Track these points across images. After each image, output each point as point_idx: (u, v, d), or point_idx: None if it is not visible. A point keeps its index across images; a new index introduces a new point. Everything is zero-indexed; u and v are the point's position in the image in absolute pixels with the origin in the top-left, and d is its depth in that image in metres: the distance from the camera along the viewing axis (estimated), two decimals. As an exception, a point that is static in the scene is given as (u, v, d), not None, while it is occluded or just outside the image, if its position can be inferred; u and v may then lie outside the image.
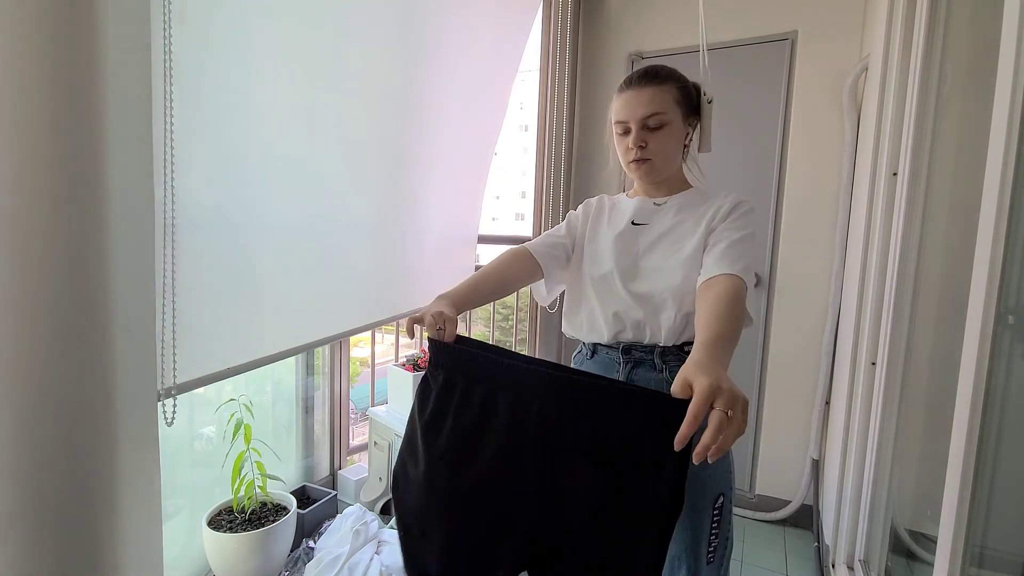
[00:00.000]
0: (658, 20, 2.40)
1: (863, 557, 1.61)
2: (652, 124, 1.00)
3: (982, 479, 0.81)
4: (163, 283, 0.94)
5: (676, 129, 1.01)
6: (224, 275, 1.12)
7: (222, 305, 1.12)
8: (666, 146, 1.02)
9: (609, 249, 1.06)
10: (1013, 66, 0.75)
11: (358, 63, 1.42)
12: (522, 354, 0.86)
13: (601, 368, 1.07)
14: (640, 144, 1.01)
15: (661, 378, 0.99)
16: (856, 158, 1.98)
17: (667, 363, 0.99)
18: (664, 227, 1.04)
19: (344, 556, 1.44)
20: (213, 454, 1.57)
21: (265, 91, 1.16)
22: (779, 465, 2.27)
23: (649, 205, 1.08)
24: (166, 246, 0.94)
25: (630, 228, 1.06)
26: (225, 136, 1.07)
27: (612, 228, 1.09)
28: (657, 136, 1.00)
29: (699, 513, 0.96)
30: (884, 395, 1.50)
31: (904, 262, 1.46)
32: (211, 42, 1.01)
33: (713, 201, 1.03)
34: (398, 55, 1.56)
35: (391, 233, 1.71)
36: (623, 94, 1.04)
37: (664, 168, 1.04)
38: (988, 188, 0.79)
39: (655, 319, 1.00)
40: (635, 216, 1.07)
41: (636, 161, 1.02)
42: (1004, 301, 0.78)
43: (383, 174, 1.62)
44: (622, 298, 1.02)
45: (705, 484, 0.95)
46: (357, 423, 3.02)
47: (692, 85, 1.05)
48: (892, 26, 1.55)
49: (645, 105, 0.99)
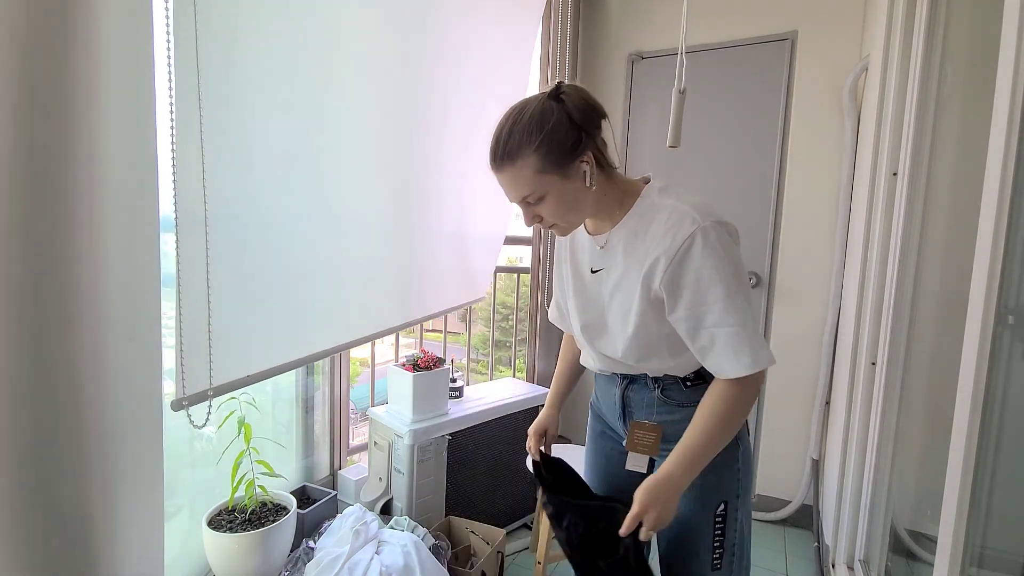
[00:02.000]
0: (658, 20, 2.40)
1: (863, 557, 1.61)
2: (531, 200, 0.87)
3: (982, 479, 0.81)
4: (192, 285, 0.95)
5: (559, 190, 0.85)
6: (252, 279, 1.13)
7: (250, 309, 1.13)
8: (559, 209, 0.87)
9: (574, 301, 1.01)
10: (1013, 66, 0.75)
11: (377, 63, 1.43)
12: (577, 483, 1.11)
13: (605, 380, 1.08)
14: (535, 220, 0.90)
15: (653, 396, 0.98)
16: (856, 158, 1.98)
17: (660, 384, 0.97)
18: (617, 274, 0.92)
19: (344, 556, 1.44)
20: (213, 454, 1.57)
21: (286, 92, 1.16)
22: (779, 465, 2.27)
23: (596, 248, 0.96)
24: (206, 248, 0.96)
25: (592, 279, 0.98)
26: (246, 138, 1.08)
27: (577, 274, 1.01)
28: (544, 207, 0.87)
29: (697, 516, 0.96)
30: (884, 395, 1.50)
31: (904, 262, 1.46)
32: (234, 45, 1.01)
33: (655, 231, 0.86)
34: (416, 55, 1.57)
35: (412, 236, 1.73)
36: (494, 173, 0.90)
37: (577, 218, 0.91)
38: (988, 188, 0.79)
39: (635, 367, 0.97)
40: (592, 262, 0.98)
41: (547, 228, 0.93)
42: (1004, 301, 0.78)
43: (403, 176, 1.64)
44: (604, 350, 0.99)
45: (706, 491, 0.95)
46: (357, 423, 3.02)
47: (553, 125, 0.82)
48: (892, 26, 1.55)
49: (512, 189, 0.87)
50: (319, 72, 1.24)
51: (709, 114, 2.29)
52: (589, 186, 0.86)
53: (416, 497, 1.80)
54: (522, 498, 2.15)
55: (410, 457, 1.77)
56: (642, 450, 0.98)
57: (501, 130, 0.85)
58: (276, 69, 1.11)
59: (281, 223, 1.19)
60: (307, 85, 1.21)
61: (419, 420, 1.82)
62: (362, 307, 1.53)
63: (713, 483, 0.95)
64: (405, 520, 1.69)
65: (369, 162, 1.47)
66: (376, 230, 1.55)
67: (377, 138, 1.48)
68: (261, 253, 1.14)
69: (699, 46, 2.28)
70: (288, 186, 1.20)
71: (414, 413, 1.82)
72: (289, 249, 1.22)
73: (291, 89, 1.17)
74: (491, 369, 2.70)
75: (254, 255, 1.12)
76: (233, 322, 1.04)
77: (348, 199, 1.41)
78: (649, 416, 0.98)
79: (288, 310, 1.24)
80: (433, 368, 1.88)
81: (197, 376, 0.96)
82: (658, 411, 0.98)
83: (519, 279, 2.70)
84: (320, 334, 1.37)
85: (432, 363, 1.89)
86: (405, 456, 1.78)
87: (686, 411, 0.95)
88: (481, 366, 5.58)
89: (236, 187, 1.05)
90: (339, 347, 1.45)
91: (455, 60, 1.75)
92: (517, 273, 2.74)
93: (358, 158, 1.42)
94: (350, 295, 1.47)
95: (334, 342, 1.42)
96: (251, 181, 1.09)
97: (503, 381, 2.34)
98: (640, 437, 0.98)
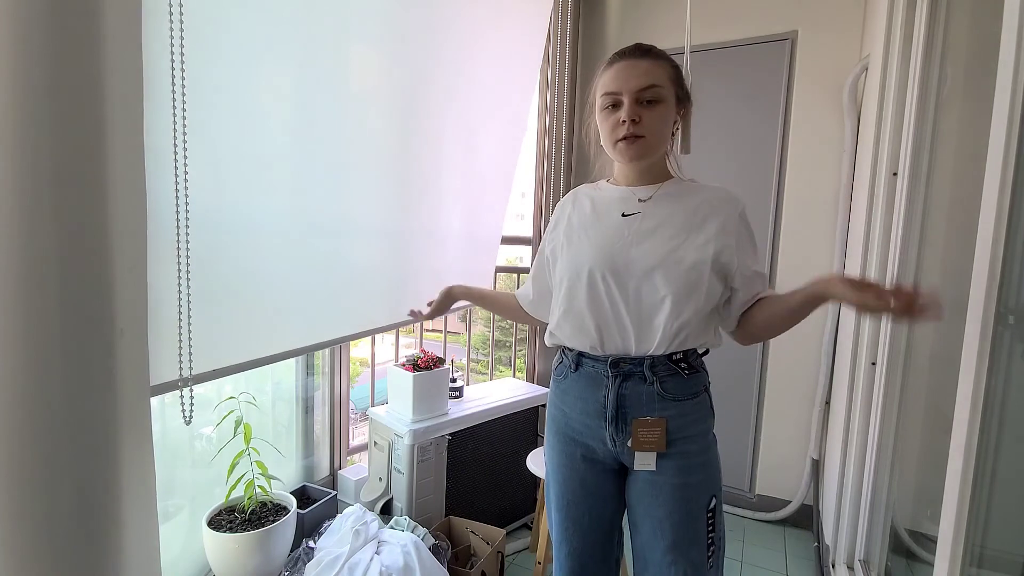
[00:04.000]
0: (658, 20, 2.40)
1: (863, 557, 1.61)
2: (648, 97, 0.90)
3: (982, 479, 0.81)
4: (179, 280, 0.95)
5: (670, 109, 0.92)
6: (239, 274, 1.14)
7: (236, 303, 1.14)
8: (660, 125, 0.92)
9: (598, 240, 0.97)
10: (1013, 66, 0.74)
11: (375, 64, 1.43)
12: None
13: (587, 382, 0.99)
14: (633, 118, 0.89)
15: (652, 391, 0.95)
16: (856, 158, 1.98)
17: (657, 374, 0.95)
18: (657, 219, 0.95)
19: (344, 556, 1.44)
20: (213, 454, 1.57)
21: (279, 92, 1.17)
22: (779, 465, 2.26)
23: (634, 199, 0.98)
24: (180, 245, 0.96)
25: (620, 220, 0.97)
26: (238, 136, 1.08)
27: (600, 220, 1.00)
28: (652, 112, 0.90)
29: (694, 518, 0.95)
30: (884, 395, 1.50)
31: (904, 262, 1.46)
32: (223, 44, 1.01)
33: (705, 195, 0.97)
34: (415, 55, 1.57)
35: (407, 234, 1.73)
36: (614, 65, 0.93)
37: (655, 150, 0.95)
38: (988, 188, 0.79)
39: (649, 324, 0.94)
40: (624, 207, 0.99)
41: (627, 139, 0.91)
42: (1004, 301, 0.78)
43: (400, 176, 1.64)
44: (613, 298, 0.95)
45: (698, 489, 0.95)
46: (357, 423, 3.02)
47: (681, 69, 0.97)
48: (892, 26, 1.55)
49: (641, 76, 0.89)
50: (321, 72, 1.24)
51: (709, 114, 2.29)
52: (674, 133, 0.97)
53: (416, 497, 1.80)
54: (522, 498, 2.15)
55: (410, 457, 1.77)
56: (649, 447, 0.95)
57: (639, 43, 0.95)
58: (271, 66, 1.12)
59: (271, 220, 1.20)
60: (310, 82, 1.21)
61: (419, 420, 1.82)
62: (354, 304, 1.54)
63: (702, 481, 0.96)
64: (405, 520, 1.69)
65: (368, 161, 1.47)
66: (373, 230, 1.55)
67: (376, 138, 1.48)
68: (247, 248, 1.15)
69: (699, 46, 2.28)
70: (279, 185, 1.20)
71: (414, 413, 1.82)
72: (279, 246, 1.23)
73: (292, 86, 1.17)
74: (491, 369, 2.70)
75: (241, 251, 1.13)
76: (215, 316, 1.06)
77: (345, 198, 1.41)
78: (649, 413, 0.96)
79: (276, 304, 1.25)
80: (433, 368, 1.88)
81: (169, 365, 0.97)
82: (659, 406, 0.96)
83: (519, 279, 2.70)
84: (314, 328, 1.39)
85: (432, 363, 1.89)
86: (405, 456, 1.78)
87: (683, 405, 0.96)
88: (481, 366, 5.58)
89: (238, 185, 1.05)
90: (331, 341, 1.48)
91: (457, 61, 1.75)
92: (517, 273, 2.74)
93: (358, 158, 1.42)
94: (344, 292, 1.48)
95: (328, 335, 1.45)
96: (243, 180, 1.10)
97: (503, 381, 2.34)
98: (645, 434, 0.95)
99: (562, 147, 2.41)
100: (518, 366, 2.91)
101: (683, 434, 0.96)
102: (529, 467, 1.75)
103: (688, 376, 0.97)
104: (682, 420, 0.96)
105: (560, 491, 1.06)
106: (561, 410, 1.05)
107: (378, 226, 1.59)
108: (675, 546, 0.95)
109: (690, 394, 0.97)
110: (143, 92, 0.79)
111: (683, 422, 0.96)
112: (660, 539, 0.96)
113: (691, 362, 0.98)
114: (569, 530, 1.04)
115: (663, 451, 0.96)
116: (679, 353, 0.96)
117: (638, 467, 0.97)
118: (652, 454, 0.96)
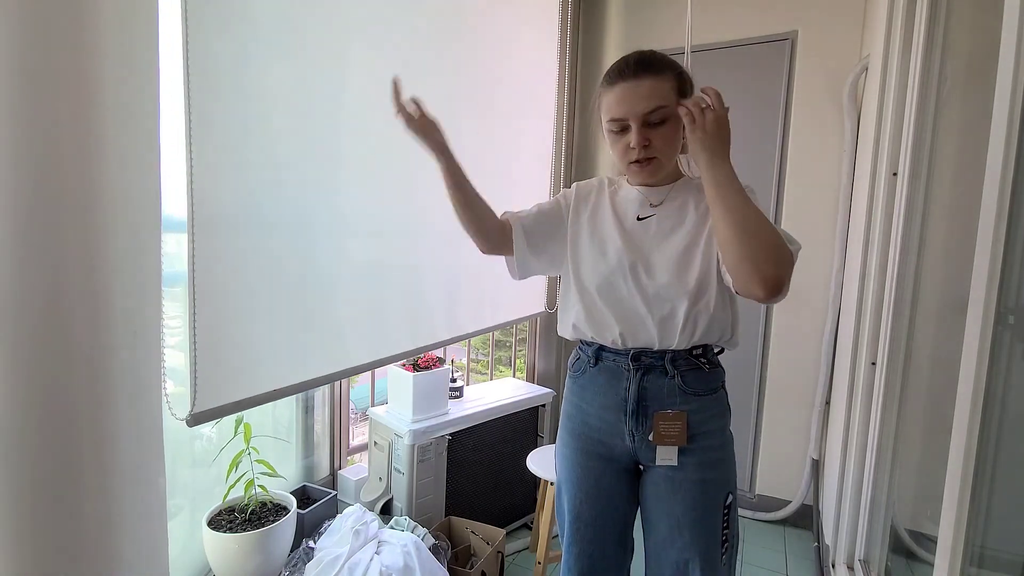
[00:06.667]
0: (658, 20, 2.40)
1: (863, 557, 1.61)
2: (654, 120, 0.90)
3: (982, 479, 0.81)
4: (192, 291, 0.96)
5: (677, 122, 0.91)
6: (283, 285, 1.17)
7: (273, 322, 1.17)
8: (670, 142, 0.93)
9: (618, 243, 0.99)
10: (1013, 66, 0.74)
11: (411, 65, 1.43)
12: None
13: (608, 376, 1.00)
14: (643, 143, 0.91)
15: (673, 384, 0.95)
16: (856, 158, 1.98)
17: (678, 368, 0.95)
18: (671, 221, 0.98)
19: (344, 556, 1.44)
20: (213, 454, 1.57)
21: (301, 94, 1.17)
22: (779, 465, 2.26)
23: (647, 203, 1.01)
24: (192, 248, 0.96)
25: (637, 223, 1.00)
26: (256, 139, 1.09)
27: (620, 220, 1.01)
28: (660, 132, 0.91)
29: (711, 515, 0.95)
30: (884, 395, 1.50)
31: (904, 262, 1.46)
32: (247, 44, 1.01)
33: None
34: (447, 55, 1.58)
35: (456, 248, 1.71)
36: (616, 87, 0.92)
37: (667, 166, 0.97)
38: (988, 188, 0.79)
39: (670, 319, 0.95)
40: (639, 211, 1.01)
41: (639, 162, 0.93)
42: (1004, 301, 0.77)
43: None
44: (634, 296, 0.96)
45: (716, 486, 0.96)
46: (357, 423, 3.02)
47: (685, 72, 0.97)
48: (892, 26, 1.55)
49: (645, 100, 0.89)
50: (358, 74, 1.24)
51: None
52: (684, 138, 0.92)
53: (416, 497, 1.80)
54: (522, 498, 2.15)
55: (410, 457, 1.77)
56: (670, 441, 0.95)
57: (637, 52, 0.93)
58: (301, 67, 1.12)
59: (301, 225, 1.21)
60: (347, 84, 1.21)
61: (419, 420, 1.82)
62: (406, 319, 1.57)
63: (721, 477, 0.96)
64: (405, 520, 1.69)
65: (410, 166, 1.46)
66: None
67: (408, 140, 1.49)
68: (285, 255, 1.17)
69: (699, 46, 2.28)
70: (317, 188, 1.21)
71: (414, 413, 1.82)
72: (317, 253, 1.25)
73: (333, 87, 1.18)
74: (491, 369, 2.70)
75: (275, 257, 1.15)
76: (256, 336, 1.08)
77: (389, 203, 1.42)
78: (671, 406, 0.96)
79: (327, 322, 1.28)
80: (433, 368, 1.88)
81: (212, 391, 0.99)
82: (680, 400, 0.96)
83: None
84: (361, 347, 1.41)
85: (432, 363, 1.89)
86: (405, 456, 1.78)
87: (703, 400, 0.96)
88: (481, 366, 5.57)
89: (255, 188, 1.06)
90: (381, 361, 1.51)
91: (486, 62, 1.75)
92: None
93: (400, 160, 1.43)
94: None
95: (377, 354, 1.47)
96: (279, 182, 1.11)
97: (503, 381, 2.34)
98: (666, 428, 0.95)
99: (563, 146, 2.41)
100: (518, 366, 2.91)
101: (703, 428, 0.96)
102: (529, 467, 1.75)
103: (708, 371, 0.97)
104: (702, 415, 0.96)
105: (573, 491, 1.05)
106: (578, 407, 1.05)
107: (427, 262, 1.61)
108: (692, 544, 0.95)
109: (710, 389, 0.97)
110: (158, 92, 0.79)
111: (703, 416, 0.96)
112: (678, 536, 0.96)
113: (710, 357, 0.98)
114: (580, 530, 1.04)
115: (684, 445, 0.95)
116: (699, 348, 0.97)
117: (659, 462, 0.96)
118: (674, 448, 0.95)
